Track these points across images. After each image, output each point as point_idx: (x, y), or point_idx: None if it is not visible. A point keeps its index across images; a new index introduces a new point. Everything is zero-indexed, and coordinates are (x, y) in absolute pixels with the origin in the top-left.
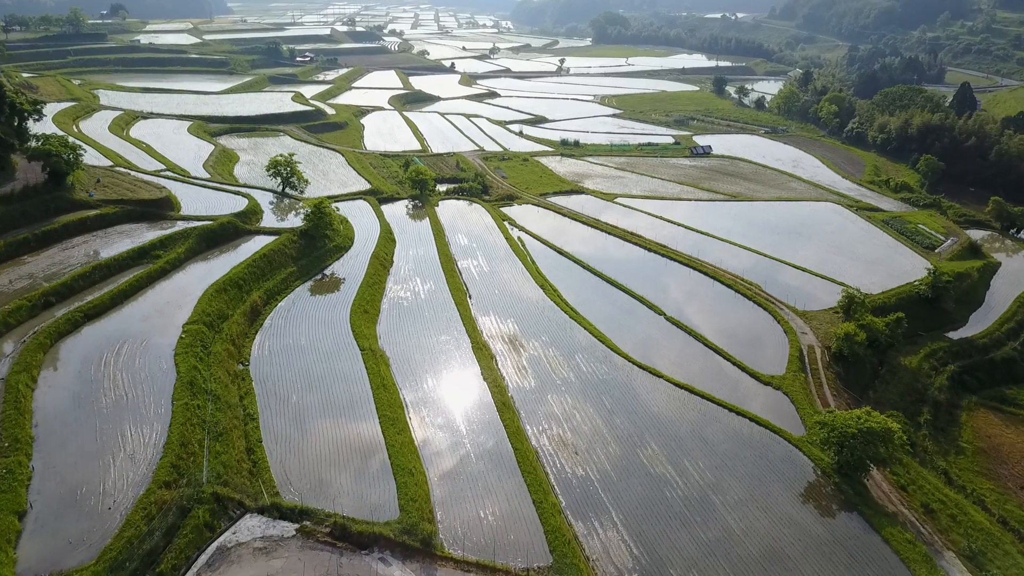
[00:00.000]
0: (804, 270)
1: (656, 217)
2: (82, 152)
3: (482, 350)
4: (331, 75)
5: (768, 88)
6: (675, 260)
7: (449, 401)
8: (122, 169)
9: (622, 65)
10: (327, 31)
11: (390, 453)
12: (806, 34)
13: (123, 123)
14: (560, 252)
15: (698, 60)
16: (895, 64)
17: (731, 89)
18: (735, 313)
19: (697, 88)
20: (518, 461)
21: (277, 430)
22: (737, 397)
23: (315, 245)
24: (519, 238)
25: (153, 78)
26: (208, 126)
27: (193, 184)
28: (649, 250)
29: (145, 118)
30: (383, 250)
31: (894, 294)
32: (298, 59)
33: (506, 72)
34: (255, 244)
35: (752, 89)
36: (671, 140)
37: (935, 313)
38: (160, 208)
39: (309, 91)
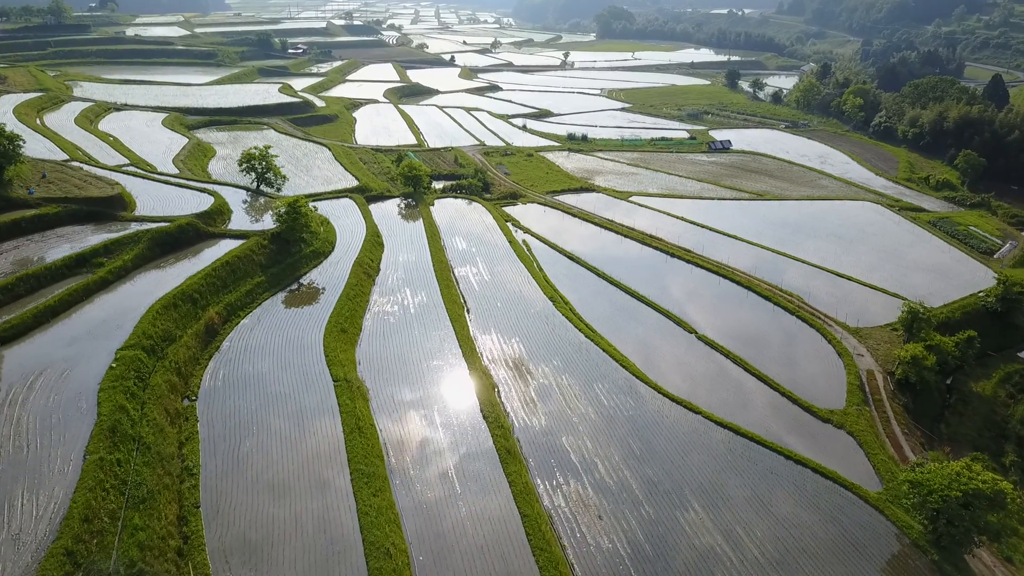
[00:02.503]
0: (849, 278)
1: (676, 218)
2: (21, 143)
3: (482, 379)
4: (324, 68)
5: (780, 83)
6: (701, 267)
7: (440, 449)
8: (77, 164)
9: (628, 59)
10: (323, 24)
11: (362, 524)
12: (815, 29)
13: (92, 115)
14: (571, 257)
15: (706, 55)
16: (912, 58)
17: (744, 84)
18: (776, 331)
19: (708, 82)
20: (527, 532)
21: (221, 489)
22: (791, 439)
23: (289, 250)
24: (524, 241)
25: (136, 70)
26: (185, 118)
27: (154, 180)
28: (671, 255)
29: (118, 110)
30: (368, 256)
31: (958, 307)
32: (290, 51)
33: (508, 66)
34: (218, 249)
35: (766, 84)
36: (686, 135)
37: (1005, 329)
38: (110, 207)
39: (300, 83)
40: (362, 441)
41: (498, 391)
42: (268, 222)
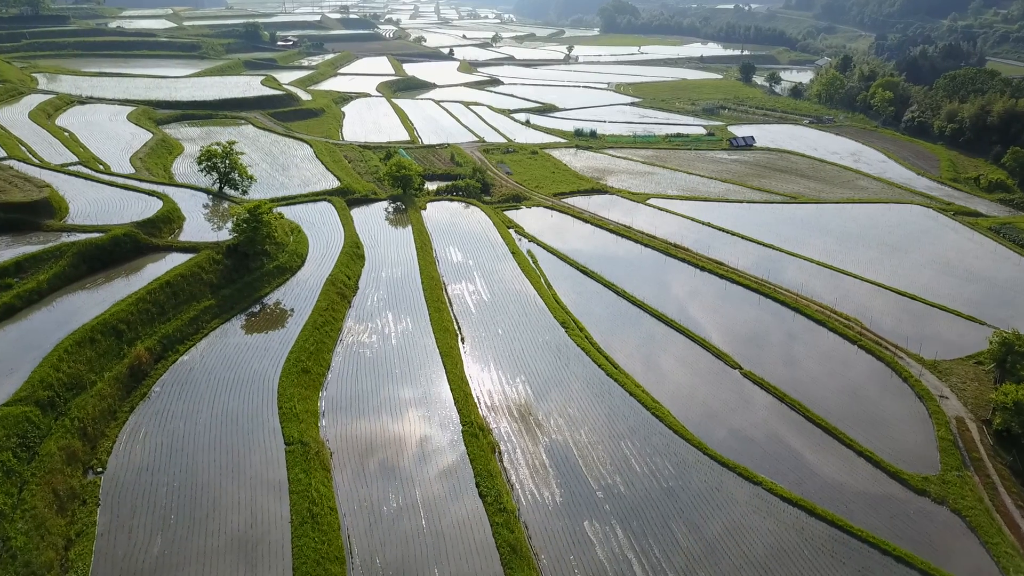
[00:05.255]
0: (913, 297)
1: (702, 224)
2: None
3: (478, 436)
4: (315, 61)
5: (793, 77)
6: (737, 283)
7: (423, 547)
8: (10, 162)
9: (634, 53)
10: (317, 18)
11: None
12: (825, 24)
13: (51, 109)
14: (583, 271)
15: (714, 49)
16: (931, 52)
17: (758, 78)
18: (837, 365)
19: (720, 76)
20: None
21: None
22: (881, 520)
23: (247, 266)
24: (529, 251)
25: (114, 63)
26: (155, 112)
27: (97, 181)
28: (700, 268)
29: (82, 103)
30: (344, 271)
31: None
32: (279, 44)
33: (509, 60)
34: (161, 266)
35: (782, 79)
36: (703, 131)
37: None
38: (34, 214)
39: (288, 77)
40: (315, 537)
41: (499, 453)
42: (228, 232)
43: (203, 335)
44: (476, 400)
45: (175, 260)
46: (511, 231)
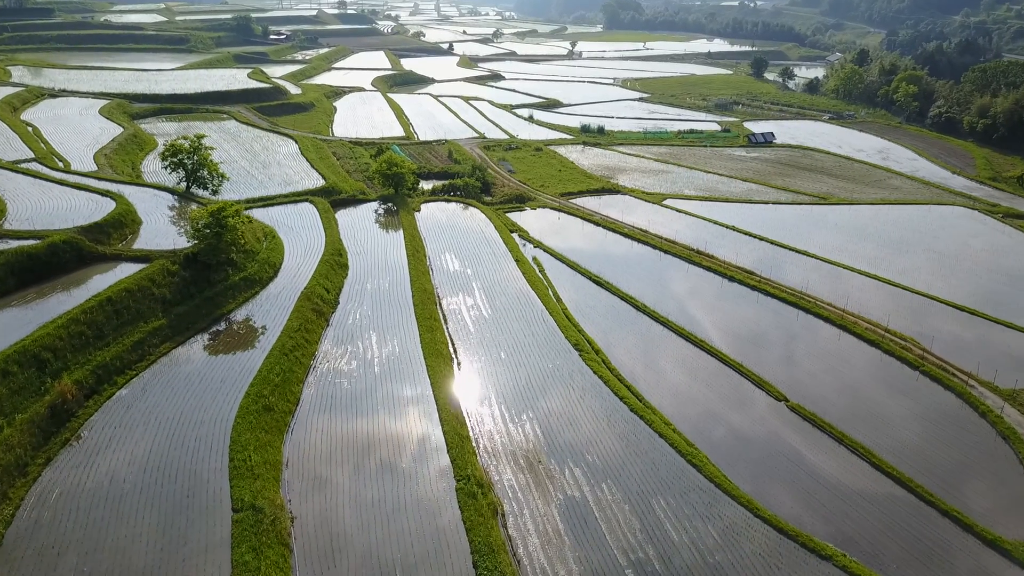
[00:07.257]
0: (975, 313)
1: (724, 227)
2: None
3: (476, 496)
4: (309, 55)
5: (804, 73)
6: (771, 295)
7: None
8: None
9: (640, 49)
10: (313, 12)
11: None
12: (833, 21)
13: (19, 102)
14: (597, 281)
15: (720, 45)
16: (947, 48)
17: (769, 74)
18: (899, 397)
19: (731, 72)
20: None
21: None
22: None
23: (209, 279)
24: (535, 259)
25: (98, 57)
26: (131, 106)
27: (48, 180)
28: (729, 278)
29: (54, 96)
30: (322, 284)
31: None
32: (271, 38)
33: (511, 55)
34: (106, 279)
35: (796, 73)
36: (717, 127)
37: None
38: None
39: (279, 71)
40: None
41: (502, 515)
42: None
43: (148, 363)
44: (475, 444)
45: (124, 272)
46: (514, 235)
